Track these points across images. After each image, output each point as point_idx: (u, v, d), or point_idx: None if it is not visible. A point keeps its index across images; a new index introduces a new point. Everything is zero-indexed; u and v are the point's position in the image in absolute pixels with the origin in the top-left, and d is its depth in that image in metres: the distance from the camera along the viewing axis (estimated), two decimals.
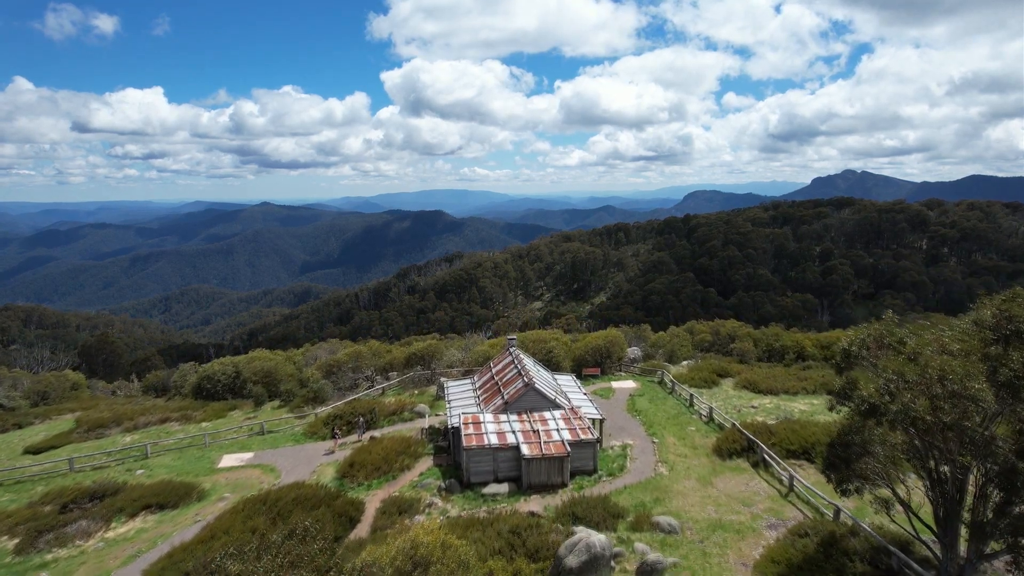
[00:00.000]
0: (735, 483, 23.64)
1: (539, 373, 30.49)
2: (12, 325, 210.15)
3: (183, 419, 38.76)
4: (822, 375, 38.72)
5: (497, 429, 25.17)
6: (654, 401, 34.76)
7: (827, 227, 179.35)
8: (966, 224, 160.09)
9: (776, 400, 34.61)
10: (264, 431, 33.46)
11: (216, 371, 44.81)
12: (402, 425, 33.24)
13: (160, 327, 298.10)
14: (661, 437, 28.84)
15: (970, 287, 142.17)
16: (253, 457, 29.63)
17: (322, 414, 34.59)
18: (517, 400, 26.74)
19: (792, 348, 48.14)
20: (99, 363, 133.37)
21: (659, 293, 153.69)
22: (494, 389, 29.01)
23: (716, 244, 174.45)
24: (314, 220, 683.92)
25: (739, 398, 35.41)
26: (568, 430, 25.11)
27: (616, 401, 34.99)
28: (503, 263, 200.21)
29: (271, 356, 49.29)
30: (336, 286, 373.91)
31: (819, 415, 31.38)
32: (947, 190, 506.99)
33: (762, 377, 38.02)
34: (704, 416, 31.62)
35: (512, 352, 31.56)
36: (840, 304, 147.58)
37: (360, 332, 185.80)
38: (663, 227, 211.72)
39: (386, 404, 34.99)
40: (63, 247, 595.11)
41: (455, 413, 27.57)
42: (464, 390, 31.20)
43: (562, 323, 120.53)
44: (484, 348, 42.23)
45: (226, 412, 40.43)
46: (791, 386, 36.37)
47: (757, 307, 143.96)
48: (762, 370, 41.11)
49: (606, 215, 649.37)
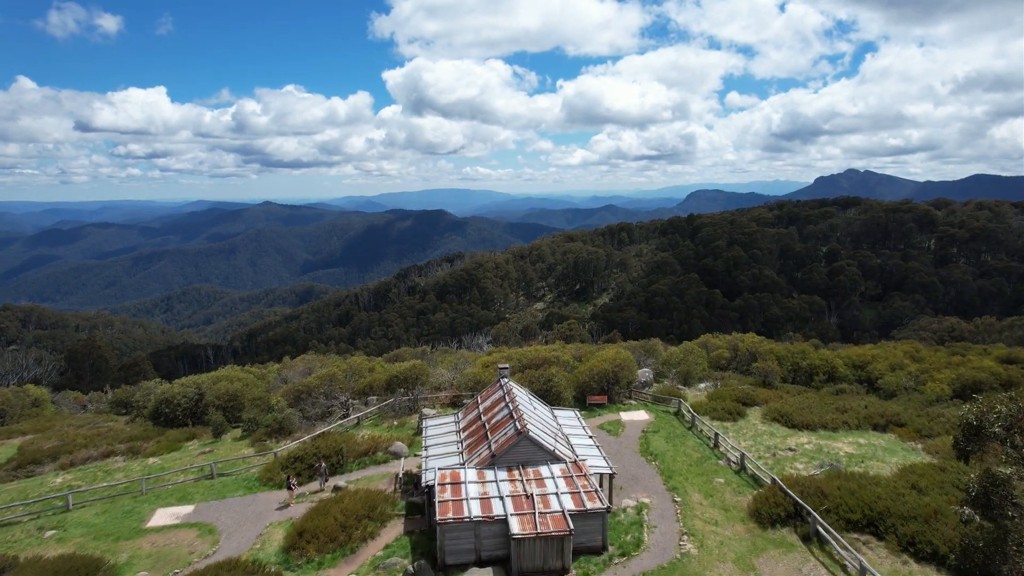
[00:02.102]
0: (785, 568, 18.51)
1: (535, 412, 25.40)
2: (11, 326, 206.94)
3: (129, 452, 33.91)
4: (863, 405, 33.51)
5: (481, 492, 20.12)
6: (671, 440, 29.60)
7: (833, 227, 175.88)
8: (975, 224, 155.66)
9: (815, 438, 29.39)
10: (213, 474, 28.52)
11: (176, 394, 39.96)
12: (374, 469, 28.25)
13: (161, 327, 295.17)
14: (684, 493, 23.69)
15: (981, 289, 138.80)
16: (192, 512, 24.70)
17: (283, 453, 29.64)
18: (507, 451, 21.70)
19: (822, 368, 42.92)
20: (86, 368, 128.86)
21: (663, 294, 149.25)
22: (480, 434, 23.96)
23: (721, 244, 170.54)
24: (316, 219, 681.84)
25: (771, 435, 30.22)
26: (570, 494, 20.04)
27: (627, 439, 29.87)
28: (504, 263, 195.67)
29: (241, 375, 44.43)
30: (338, 286, 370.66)
31: (871, 461, 26.17)
32: (951, 189, 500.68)
33: (795, 408, 32.81)
34: (734, 463, 26.45)
35: (503, 385, 26.48)
36: (848, 306, 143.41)
37: (359, 334, 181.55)
38: (666, 227, 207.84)
39: (357, 441, 29.98)
40: (66, 246, 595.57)
41: (431, 465, 22.54)
42: (445, 430, 26.15)
43: (564, 329, 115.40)
44: (475, 371, 37.20)
45: (181, 443, 35.57)
46: (830, 419, 31.16)
47: (763, 309, 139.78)
48: (792, 397, 35.89)
49: (608, 214, 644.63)
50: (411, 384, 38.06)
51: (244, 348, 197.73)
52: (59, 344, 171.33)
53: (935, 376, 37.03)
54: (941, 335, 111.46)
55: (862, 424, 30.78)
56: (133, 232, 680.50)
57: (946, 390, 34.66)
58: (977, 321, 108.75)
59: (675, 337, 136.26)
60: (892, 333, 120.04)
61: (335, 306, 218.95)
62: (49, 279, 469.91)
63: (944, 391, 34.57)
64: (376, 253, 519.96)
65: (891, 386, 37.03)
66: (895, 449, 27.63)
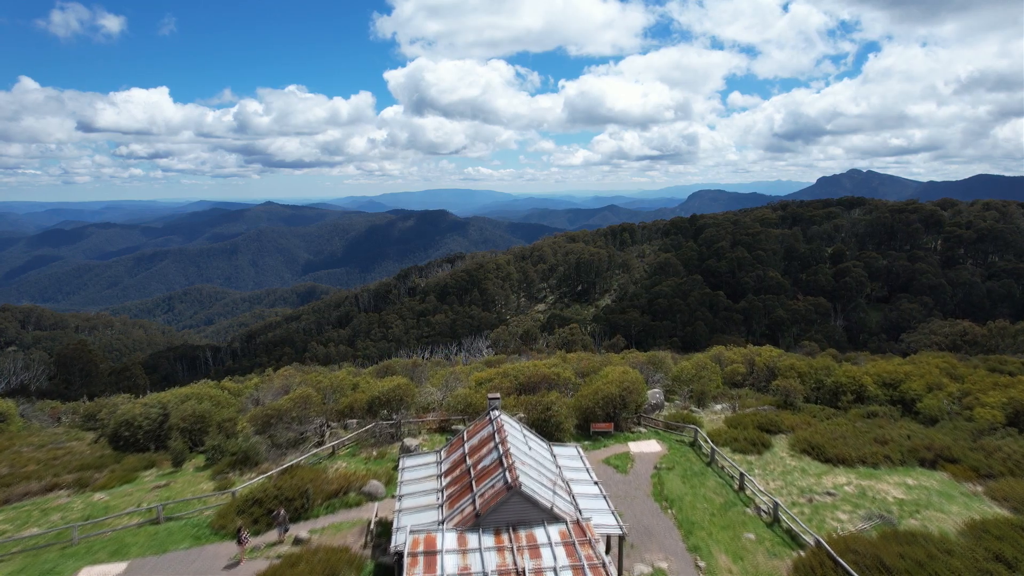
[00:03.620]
0: None
1: (530, 453, 21.49)
2: (10, 327, 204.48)
3: (77, 485, 30.17)
4: (905, 435, 29.45)
5: (461, 565, 16.24)
6: (689, 479, 25.63)
7: (838, 228, 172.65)
8: (982, 225, 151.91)
9: (854, 477, 25.38)
10: (160, 518, 24.73)
11: (137, 415, 36.21)
12: (344, 514, 24.40)
13: (161, 328, 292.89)
14: (708, 554, 19.78)
15: (990, 291, 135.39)
16: (123, 573, 20.92)
17: (242, 492, 25.81)
18: (495, 509, 17.83)
19: (849, 386, 38.82)
20: (75, 373, 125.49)
21: (666, 296, 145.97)
22: (464, 482, 20.08)
23: (724, 245, 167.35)
24: (318, 220, 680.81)
25: (802, 471, 26.21)
26: (571, 568, 16.14)
27: (637, 478, 25.91)
28: (506, 264, 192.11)
29: (213, 391, 40.70)
30: (340, 286, 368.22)
31: (928, 511, 22.14)
32: (954, 189, 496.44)
33: (827, 438, 28.80)
34: (764, 512, 22.49)
35: (493, 419, 22.59)
36: (854, 308, 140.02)
37: (359, 335, 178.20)
38: (669, 228, 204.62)
39: (327, 479, 26.14)
40: (68, 247, 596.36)
41: (403, 523, 18.70)
42: (425, 473, 22.27)
43: (565, 333, 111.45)
44: (465, 392, 33.35)
45: (138, 472, 31.85)
46: (869, 453, 27.13)
47: (768, 311, 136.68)
48: (822, 424, 31.85)
49: (610, 214, 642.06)
50: (395, 406, 34.24)
51: (243, 349, 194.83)
52: (58, 345, 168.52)
53: (982, 399, 32.95)
54: (953, 339, 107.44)
55: (907, 459, 26.75)
56: (135, 232, 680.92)
57: (998, 416, 30.60)
58: (991, 325, 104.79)
59: (679, 340, 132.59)
60: (901, 337, 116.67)
61: (335, 307, 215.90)
62: (51, 279, 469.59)
63: (996, 417, 30.51)
64: (378, 253, 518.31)
65: (932, 410, 32.97)
66: (952, 494, 23.63)
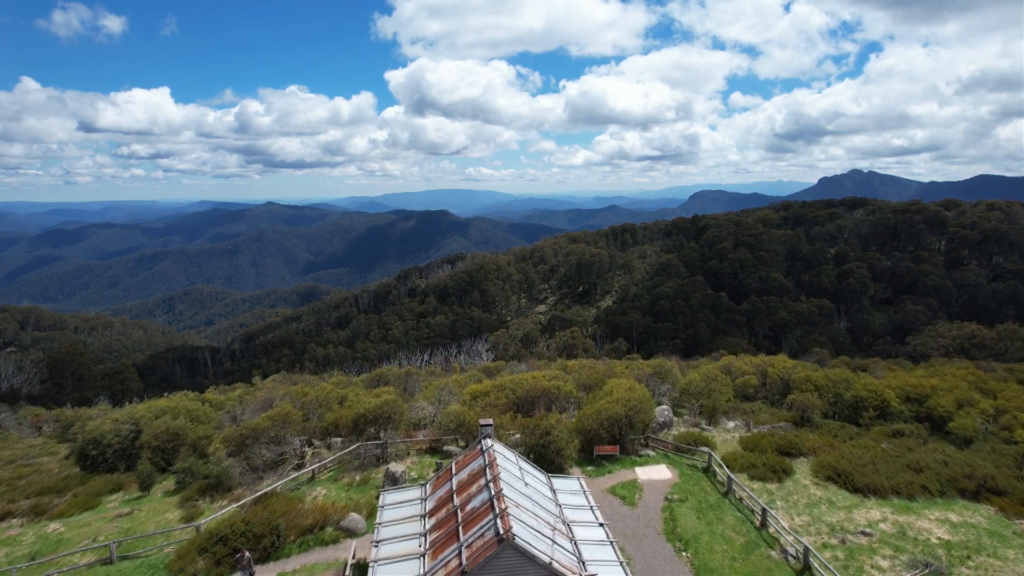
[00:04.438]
0: None
1: (526, 491, 18.88)
2: (9, 327, 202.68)
3: (33, 513, 27.69)
4: (941, 460, 26.75)
5: None
6: (704, 513, 22.97)
7: (840, 228, 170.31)
8: (987, 226, 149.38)
9: (889, 511, 22.69)
10: (113, 558, 22.19)
11: (106, 433, 33.70)
12: (319, 553, 21.82)
13: (161, 328, 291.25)
14: None
15: (995, 292, 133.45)
16: None
17: (208, 526, 23.24)
18: (484, 565, 15.25)
19: (870, 401, 36.09)
20: (67, 376, 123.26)
21: (668, 298, 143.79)
22: (450, 527, 17.49)
23: (726, 246, 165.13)
24: (319, 220, 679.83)
25: (830, 504, 23.53)
26: None
27: (646, 511, 23.25)
28: (506, 265, 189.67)
29: (191, 405, 38.14)
30: (340, 286, 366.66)
31: (981, 556, 19.45)
32: (955, 190, 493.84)
33: (854, 463, 26.10)
34: (792, 557, 19.84)
35: (485, 450, 19.96)
36: (858, 309, 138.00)
37: (358, 337, 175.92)
38: (671, 228, 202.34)
39: (302, 511, 23.54)
40: (69, 247, 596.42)
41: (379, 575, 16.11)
42: (407, 513, 19.66)
43: (566, 337, 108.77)
44: (458, 410, 30.73)
45: (102, 497, 29.33)
46: (903, 482, 24.43)
47: (771, 313, 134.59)
48: (847, 446, 29.12)
49: (611, 215, 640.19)
50: (383, 423, 31.66)
51: (242, 351, 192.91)
52: (57, 346, 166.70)
53: (1021, 418, 30.24)
54: (962, 342, 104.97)
55: (946, 489, 24.06)
56: (136, 232, 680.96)
57: None
58: (999, 328, 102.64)
59: (680, 342, 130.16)
60: (907, 340, 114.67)
61: (335, 308, 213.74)
62: (52, 279, 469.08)
63: None
64: (379, 253, 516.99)
65: (966, 431, 30.28)
66: (1004, 533, 20.98)
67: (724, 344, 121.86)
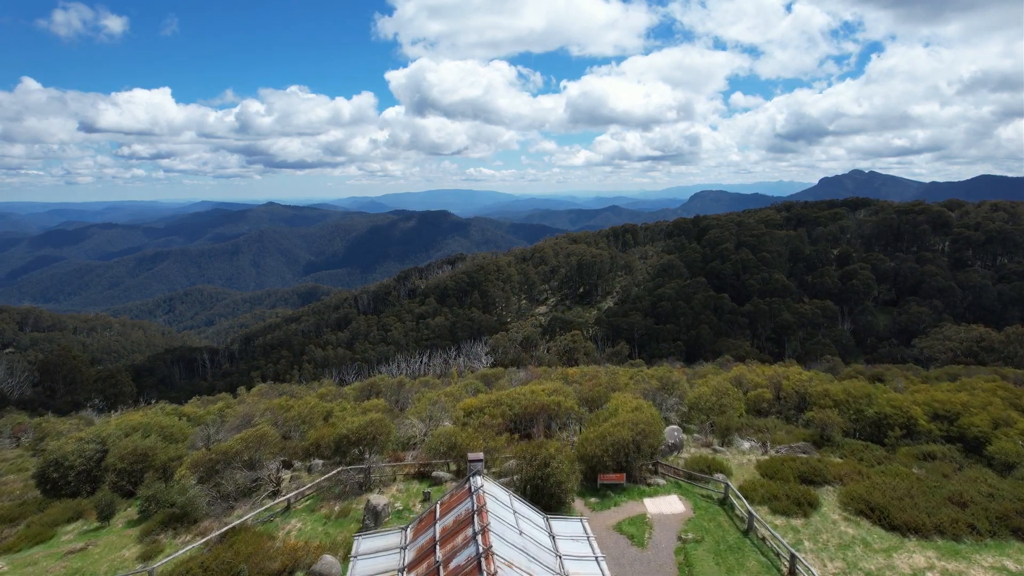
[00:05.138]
0: None
1: (520, 539, 16.27)
2: (7, 328, 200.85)
3: None
4: (984, 491, 24.03)
5: None
6: (723, 556, 20.32)
7: (843, 229, 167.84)
8: (991, 226, 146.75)
9: (935, 556, 20.01)
10: None
11: (69, 453, 31.16)
12: None
13: (161, 329, 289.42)
14: None
15: (1001, 294, 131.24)
16: None
17: (161, 570, 20.66)
18: None
19: (895, 419, 33.33)
20: (59, 380, 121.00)
21: (669, 299, 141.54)
22: None
23: (728, 247, 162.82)
24: (320, 220, 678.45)
25: (865, 546, 20.86)
26: None
27: (658, 554, 20.59)
28: (507, 266, 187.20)
29: (167, 420, 35.59)
30: (341, 286, 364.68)
31: None
32: (957, 190, 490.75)
33: (888, 495, 23.36)
34: None
35: (474, 491, 17.34)
36: (862, 311, 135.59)
37: (358, 338, 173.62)
38: (672, 228, 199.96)
39: (270, 552, 20.94)
40: (70, 247, 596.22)
41: None
42: (383, 566, 17.05)
43: (567, 341, 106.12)
44: (449, 431, 28.15)
45: (58, 526, 26.70)
46: (945, 518, 21.71)
47: (774, 314, 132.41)
48: (877, 473, 26.38)
49: (612, 215, 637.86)
50: (368, 444, 29.07)
51: (241, 352, 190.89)
52: (55, 347, 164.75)
53: None
54: (970, 345, 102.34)
55: (997, 529, 21.33)
56: (137, 233, 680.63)
57: None
58: (1008, 331, 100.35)
59: (683, 344, 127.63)
60: (913, 342, 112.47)
61: (334, 309, 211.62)
62: (53, 280, 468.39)
63: None
64: (379, 254, 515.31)
65: (1008, 455, 27.54)
66: None
67: (726, 346, 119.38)
